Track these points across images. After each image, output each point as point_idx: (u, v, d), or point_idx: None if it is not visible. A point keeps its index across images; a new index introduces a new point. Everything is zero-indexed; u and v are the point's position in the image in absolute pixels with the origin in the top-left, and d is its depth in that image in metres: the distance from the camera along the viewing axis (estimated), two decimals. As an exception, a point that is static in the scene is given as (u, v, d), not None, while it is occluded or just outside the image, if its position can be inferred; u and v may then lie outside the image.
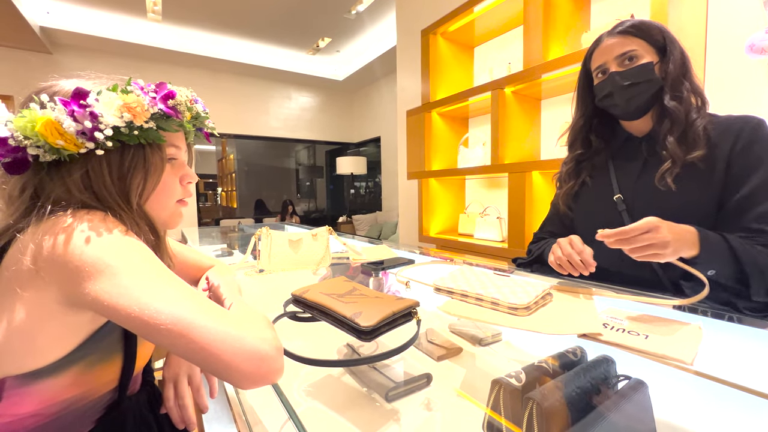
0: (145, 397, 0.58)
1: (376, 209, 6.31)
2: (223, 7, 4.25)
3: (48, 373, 0.43)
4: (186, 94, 0.52)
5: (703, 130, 0.75)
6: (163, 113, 0.49)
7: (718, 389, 0.47)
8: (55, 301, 0.42)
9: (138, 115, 0.46)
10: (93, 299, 0.40)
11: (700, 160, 0.73)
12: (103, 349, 0.48)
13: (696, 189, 0.75)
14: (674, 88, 0.77)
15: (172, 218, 0.57)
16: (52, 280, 0.41)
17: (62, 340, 0.44)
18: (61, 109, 0.44)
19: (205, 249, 1.91)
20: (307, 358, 0.51)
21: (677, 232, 0.63)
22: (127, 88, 0.47)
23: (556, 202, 0.99)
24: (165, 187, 0.53)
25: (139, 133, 0.48)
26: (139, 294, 0.40)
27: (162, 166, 0.52)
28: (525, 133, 1.98)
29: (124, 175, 0.49)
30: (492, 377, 0.48)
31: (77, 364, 0.45)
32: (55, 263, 0.40)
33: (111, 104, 0.45)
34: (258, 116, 6.11)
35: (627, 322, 0.60)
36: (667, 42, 0.78)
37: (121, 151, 0.48)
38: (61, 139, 0.44)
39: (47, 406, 0.44)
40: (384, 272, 1.05)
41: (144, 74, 0.54)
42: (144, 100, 0.47)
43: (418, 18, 2.74)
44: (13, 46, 4.33)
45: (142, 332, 0.40)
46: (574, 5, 1.78)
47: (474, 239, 2.17)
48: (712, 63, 1.31)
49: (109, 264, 0.40)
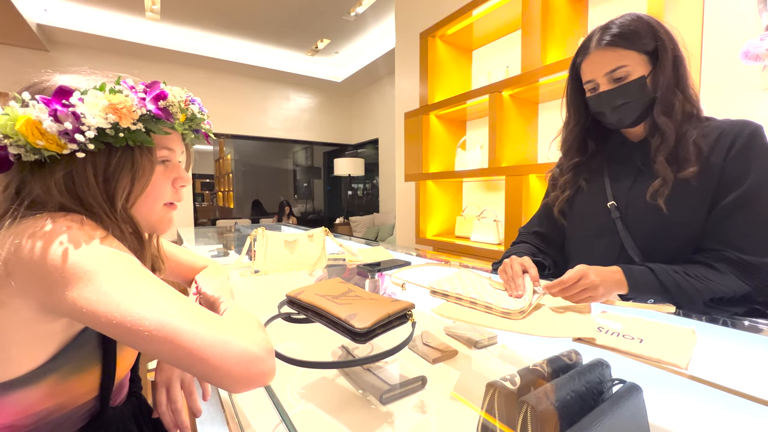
0: (130, 409, 0.56)
1: (373, 211, 6.31)
2: (222, 7, 4.25)
3: (21, 384, 0.42)
4: (180, 94, 0.50)
5: (693, 144, 0.73)
6: (152, 115, 0.47)
7: (712, 393, 0.47)
8: (28, 307, 0.40)
9: (124, 117, 0.44)
10: (71, 306, 0.38)
11: (692, 176, 0.72)
12: (80, 358, 0.46)
13: (687, 209, 0.73)
14: (665, 101, 0.75)
15: (160, 223, 0.54)
16: (24, 286, 0.39)
17: (35, 349, 0.42)
18: (42, 108, 0.42)
19: (201, 249, 1.90)
20: (300, 360, 0.50)
21: (603, 274, 0.67)
22: (115, 88, 0.45)
23: (550, 203, 0.97)
24: (154, 191, 0.51)
25: (126, 135, 0.45)
26: (120, 300, 0.38)
27: (151, 169, 0.50)
28: (522, 136, 1.99)
29: (109, 178, 0.46)
30: (487, 380, 0.48)
31: (52, 374, 0.43)
32: (27, 268, 0.38)
33: (95, 104, 0.43)
34: (256, 116, 6.10)
35: (621, 326, 0.60)
36: (658, 46, 0.74)
37: (107, 153, 0.46)
38: (42, 140, 0.42)
39: (22, 417, 0.43)
40: (380, 274, 1.04)
41: (142, 73, 0.53)
42: (132, 101, 0.45)
43: (417, 20, 2.75)
44: (10, 43, 4.30)
45: (125, 339, 0.38)
46: (572, 9, 1.79)
47: (471, 242, 2.17)
48: (708, 69, 1.32)
49: (88, 270, 0.39)
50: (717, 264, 0.69)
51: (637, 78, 0.75)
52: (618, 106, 0.77)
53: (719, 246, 0.70)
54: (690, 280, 0.68)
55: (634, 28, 0.75)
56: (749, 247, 0.68)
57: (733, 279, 0.68)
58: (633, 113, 0.77)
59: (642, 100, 0.76)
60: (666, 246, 0.76)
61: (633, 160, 0.83)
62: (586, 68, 0.80)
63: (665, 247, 0.76)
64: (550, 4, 1.71)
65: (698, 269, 0.70)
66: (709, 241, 0.72)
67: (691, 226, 0.74)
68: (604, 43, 0.76)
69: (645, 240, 0.78)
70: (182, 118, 0.51)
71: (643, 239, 0.78)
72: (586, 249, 0.89)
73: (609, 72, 0.76)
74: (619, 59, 0.75)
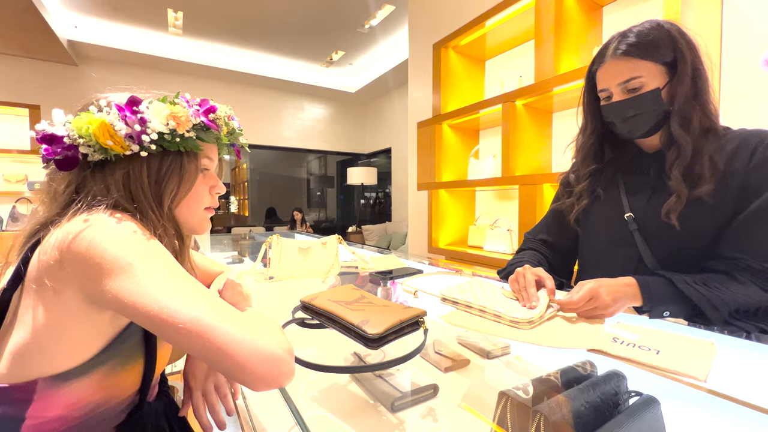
0: (162, 406, 0.59)
1: (385, 220, 6.32)
2: (241, 22, 4.40)
3: (76, 375, 0.44)
4: (225, 110, 0.57)
5: (710, 160, 0.71)
6: (203, 125, 0.54)
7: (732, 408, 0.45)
8: (75, 297, 0.43)
9: (182, 124, 0.51)
10: (113, 296, 0.41)
11: (707, 194, 0.70)
12: (126, 352, 0.49)
13: (702, 224, 0.72)
14: (683, 114, 0.72)
15: (200, 224, 0.60)
16: (74, 275, 0.42)
17: (88, 340, 0.45)
18: (115, 113, 0.48)
19: (217, 256, 1.93)
20: (314, 364, 0.51)
21: (615, 292, 0.66)
22: (174, 100, 0.53)
23: (563, 210, 0.95)
24: (196, 195, 0.57)
25: (180, 141, 0.52)
26: (158, 293, 0.41)
27: (196, 174, 0.56)
28: (536, 145, 1.98)
29: (160, 179, 0.52)
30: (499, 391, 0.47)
31: (103, 367, 0.46)
32: (76, 258, 0.42)
33: (159, 112, 0.50)
34: (272, 126, 6.24)
35: (637, 336, 0.59)
36: (677, 57, 0.72)
37: (160, 157, 0.52)
38: (111, 140, 0.48)
39: (74, 409, 0.45)
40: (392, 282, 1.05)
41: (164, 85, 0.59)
42: (188, 112, 0.52)
43: (430, 32, 2.79)
44: (43, 58, 4.55)
45: (161, 331, 0.41)
46: (586, 19, 1.79)
47: (484, 251, 2.15)
48: (728, 77, 1.30)
49: (130, 263, 0.42)
50: (737, 273, 0.67)
51: (652, 90, 0.73)
52: (629, 118, 0.76)
53: (740, 254, 0.68)
54: (713, 290, 0.66)
55: (653, 37, 0.72)
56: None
57: (756, 290, 0.66)
58: (645, 125, 0.76)
59: (655, 112, 0.74)
60: (685, 258, 0.75)
61: (648, 172, 0.82)
62: (601, 77, 0.79)
63: (684, 259, 0.75)
64: (564, 13, 1.72)
65: (719, 279, 0.68)
66: (728, 249, 0.70)
67: (709, 239, 0.72)
68: (619, 53, 0.74)
69: (664, 252, 0.77)
70: (225, 130, 0.58)
71: (662, 251, 0.77)
72: (604, 259, 0.87)
73: (622, 82, 0.75)
74: (634, 70, 0.73)
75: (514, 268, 0.79)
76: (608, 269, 0.80)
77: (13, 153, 3.37)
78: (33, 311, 0.43)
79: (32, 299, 0.44)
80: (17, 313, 0.45)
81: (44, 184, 0.52)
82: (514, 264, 0.89)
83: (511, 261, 0.97)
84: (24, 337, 0.43)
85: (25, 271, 0.45)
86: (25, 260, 0.45)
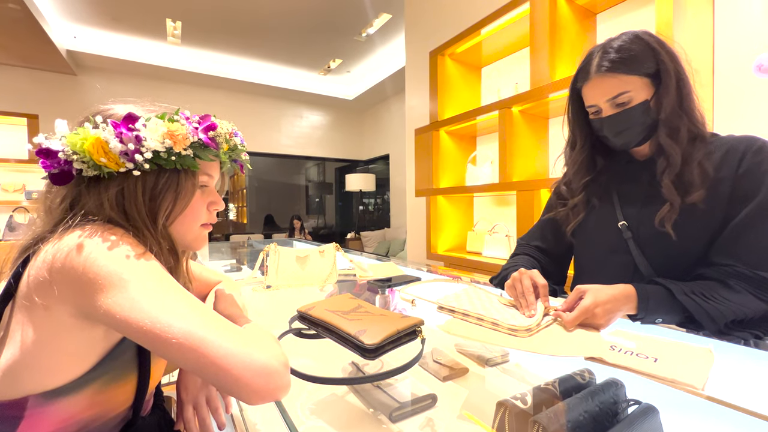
0: (155, 420, 0.58)
1: (384, 226, 6.32)
2: (239, 31, 4.44)
3: (67, 392, 0.44)
4: (227, 127, 0.55)
5: (699, 166, 0.72)
6: (201, 143, 0.53)
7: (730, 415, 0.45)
8: (68, 313, 0.43)
9: (178, 142, 0.50)
10: (105, 312, 0.41)
11: (699, 200, 0.71)
12: (119, 368, 0.48)
13: (695, 233, 0.73)
14: (669, 123, 0.74)
15: (196, 241, 0.58)
16: (67, 290, 0.42)
17: (80, 356, 0.45)
18: (110, 130, 0.48)
19: (215, 264, 1.93)
20: (311, 376, 0.51)
21: (611, 309, 0.65)
22: (173, 117, 0.51)
23: (558, 220, 0.94)
24: (192, 212, 0.55)
25: (177, 158, 0.51)
26: (151, 308, 0.41)
27: (192, 192, 0.54)
28: (533, 151, 1.99)
29: (155, 197, 0.51)
30: (498, 399, 0.47)
31: (95, 383, 0.46)
32: (68, 273, 0.41)
33: (156, 130, 0.49)
34: (270, 134, 6.26)
35: (635, 344, 0.59)
36: (660, 68, 0.73)
37: (156, 174, 0.51)
38: (104, 158, 0.47)
39: (66, 425, 0.45)
40: (390, 290, 1.05)
41: (162, 94, 0.58)
42: (186, 129, 0.51)
43: (426, 40, 2.82)
44: (42, 68, 4.57)
45: (154, 346, 0.41)
46: (580, 26, 1.81)
47: (482, 257, 2.15)
48: (720, 83, 1.31)
49: (123, 278, 0.42)
50: (730, 280, 0.68)
51: (641, 102, 0.74)
52: (621, 131, 0.77)
53: (732, 261, 0.69)
54: (710, 301, 0.66)
55: (634, 52, 0.73)
56: (764, 262, 0.66)
57: (751, 298, 0.66)
58: (637, 136, 0.77)
59: (646, 123, 0.75)
60: (679, 264, 0.75)
61: (641, 180, 0.82)
62: (588, 93, 0.79)
63: (679, 266, 0.75)
64: (558, 21, 1.74)
65: (715, 287, 0.68)
66: (721, 255, 0.70)
67: (703, 245, 0.73)
68: (604, 69, 0.74)
69: (658, 259, 0.77)
70: (226, 147, 0.56)
71: (657, 259, 0.77)
72: (600, 267, 0.87)
73: (612, 98, 0.75)
74: (621, 85, 0.73)
75: (509, 272, 0.79)
76: (604, 276, 0.80)
77: (11, 162, 3.38)
78: (23, 327, 0.43)
79: (23, 315, 0.43)
80: (8, 329, 0.44)
81: (41, 195, 0.52)
82: (509, 268, 0.89)
83: (506, 266, 0.96)
84: (14, 354, 0.43)
85: (16, 287, 0.45)
86: (16, 276, 0.45)
